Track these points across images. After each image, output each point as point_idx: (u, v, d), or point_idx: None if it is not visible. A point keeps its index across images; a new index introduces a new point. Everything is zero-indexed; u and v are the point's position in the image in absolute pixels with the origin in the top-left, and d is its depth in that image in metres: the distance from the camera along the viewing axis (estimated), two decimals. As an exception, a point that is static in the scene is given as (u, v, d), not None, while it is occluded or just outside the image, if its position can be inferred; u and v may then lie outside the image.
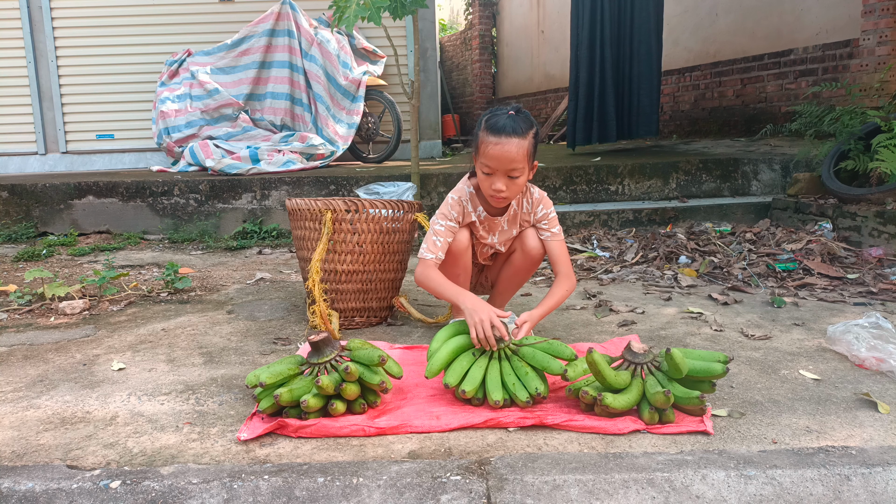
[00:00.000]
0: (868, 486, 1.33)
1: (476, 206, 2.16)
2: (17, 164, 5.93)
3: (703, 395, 1.55)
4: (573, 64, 5.26)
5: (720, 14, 6.19)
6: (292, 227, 2.46)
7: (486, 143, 1.95)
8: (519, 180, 1.99)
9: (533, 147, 1.99)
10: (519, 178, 1.98)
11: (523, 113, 2.01)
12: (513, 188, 2.00)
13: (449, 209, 2.13)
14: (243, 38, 5.48)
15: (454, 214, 2.13)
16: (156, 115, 5.39)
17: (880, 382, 1.79)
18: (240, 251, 3.96)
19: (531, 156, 1.99)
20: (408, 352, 2.10)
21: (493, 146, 1.94)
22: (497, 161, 1.95)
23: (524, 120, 1.98)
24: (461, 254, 2.17)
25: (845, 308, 2.51)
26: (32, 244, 4.13)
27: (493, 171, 1.97)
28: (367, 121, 5.56)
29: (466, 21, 11.41)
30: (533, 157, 2.01)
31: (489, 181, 1.99)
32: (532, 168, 2.04)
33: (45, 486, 1.34)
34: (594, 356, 1.57)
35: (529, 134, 1.97)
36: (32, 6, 5.78)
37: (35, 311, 2.70)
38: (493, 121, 1.96)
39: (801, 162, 4.18)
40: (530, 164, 2.01)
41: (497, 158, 1.94)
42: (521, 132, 1.95)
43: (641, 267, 3.24)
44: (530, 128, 1.98)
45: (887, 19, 4.58)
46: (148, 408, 1.72)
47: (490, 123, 1.96)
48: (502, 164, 1.95)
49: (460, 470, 1.36)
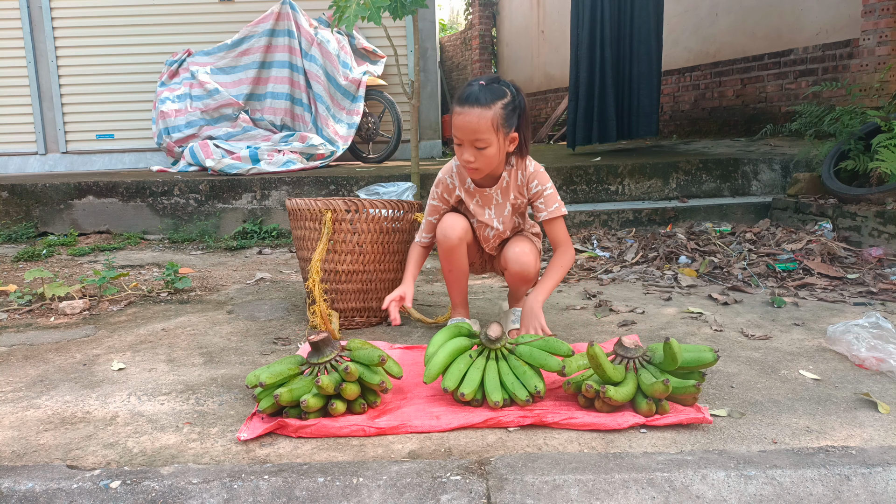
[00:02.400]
0: (868, 486, 1.33)
1: (463, 179, 2.14)
2: (17, 164, 5.93)
3: (698, 384, 1.56)
4: (573, 64, 5.26)
5: (720, 14, 6.19)
6: (292, 227, 2.46)
7: (454, 114, 1.97)
8: (487, 151, 1.96)
9: (502, 118, 1.94)
10: (487, 150, 1.96)
11: (497, 83, 1.97)
12: (482, 159, 1.98)
13: (433, 188, 2.17)
14: (243, 38, 5.48)
15: (437, 192, 2.17)
16: (156, 115, 5.39)
17: (880, 382, 1.79)
18: (240, 251, 3.96)
19: (500, 127, 1.94)
20: (407, 352, 2.10)
21: (458, 116, 1.95)
22: (461, 131, 1.95)
23: (493, 90, 1.94)
24: (452, 249, 2.13)
25: (845, 308, 2.51)
26: (32, 244, 4.13)
27: (461, 141, 1.98)
28: (367, 121, 5.56)
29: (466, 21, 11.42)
30: (506, 128, 1.96)
31: (459, 151, 2.00)
32: (509, 140, 2.00)
33: (45, 486, 1.34)
34: (595, 349, 1.58)
35: (496, 104, 1.93)
36: (32, 6, 5.78)
37: (35, 311, 2.70)
38: (463, 91, 1.98)
39: (801, 162, 4.18)
40: (501, 135, 1.96)
41: (460, 128, 1.95)
42: (485, 102, 1.92)
43: (641, 267, 3.24)
44: (499, 98, 1.94)
45: (887, 19, 4.58)
46: (148, 408, 1.72)
47: (460, 93, 1.98)
48: (466, 134, 1.95)
49: (460, 470, 1.36)
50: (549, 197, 2.10)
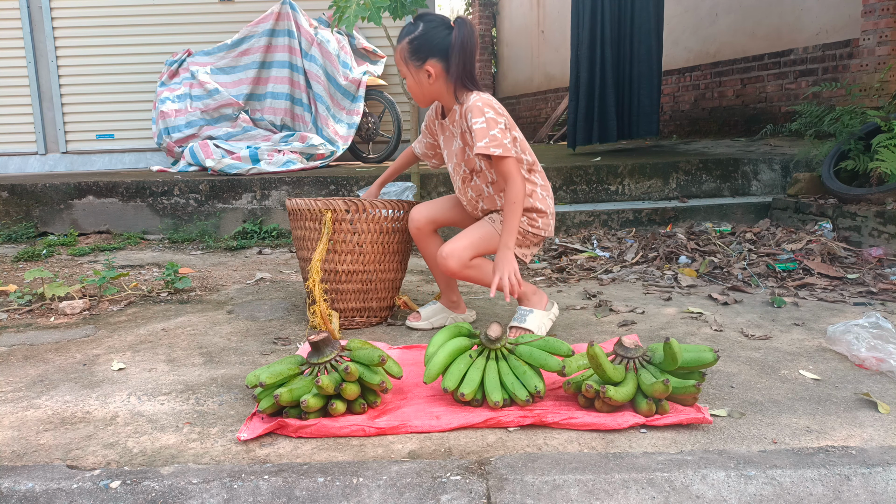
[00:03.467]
0: (868, 486, 1.33)
1: (437, 111, 2.29)
2: (17, 164, 5.93)
3: (698, 384, 1.56)
4: (573, 64, 5.26)
5: (720, 14, 6.19)
6: (292, 228, 2.46)
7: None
8: (406, 82, 2.17)
9: (407, 52, 2.12)
10: (407, 80, 2.16)
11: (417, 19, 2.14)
12: (410, 90, 2.19)
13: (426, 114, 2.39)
14: (243, 38, 5.48)
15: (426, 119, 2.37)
16: (156, 115, 5.39)
17: (880, 382, 1.79)
18: (240, 251, 3.96)
19: (406, 61, 2.13)
20: (407, 352, 2.10)
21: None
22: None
23: (406, 28, 2.14)
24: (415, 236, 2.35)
25: (845, 308, 2.51)
26: (32, 244, 4.13)
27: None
28: (367, 121, 5.56)
29: (466, 21, 11.40)
30: (414, 61, 2.12)
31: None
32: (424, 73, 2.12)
33: (45, 486, 1.34)
34: (595, 349, 1.58)
35: (403, 41, 2.12)
36: (32, 6, 5.78)
37: (35, 311, 2.70)
38: None
39: (801, 162, 4.18)
40: (411, 68, 2.13)
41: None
42: (399, 40, 2.14)
43: (641, 267, 3.24)
44: (407, 34, 2.12)
45: (887, 19, 4.58)
46: (148, 408, 1.72)
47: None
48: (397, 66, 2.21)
49: (460, 470, 1.36)
50: (479, 132, 2.03)
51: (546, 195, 2.27)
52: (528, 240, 2.27)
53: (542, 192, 2.26)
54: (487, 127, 2.03)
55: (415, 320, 2.40)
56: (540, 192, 2.25)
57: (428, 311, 2.42)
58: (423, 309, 2.43)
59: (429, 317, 2.40)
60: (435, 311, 2.42)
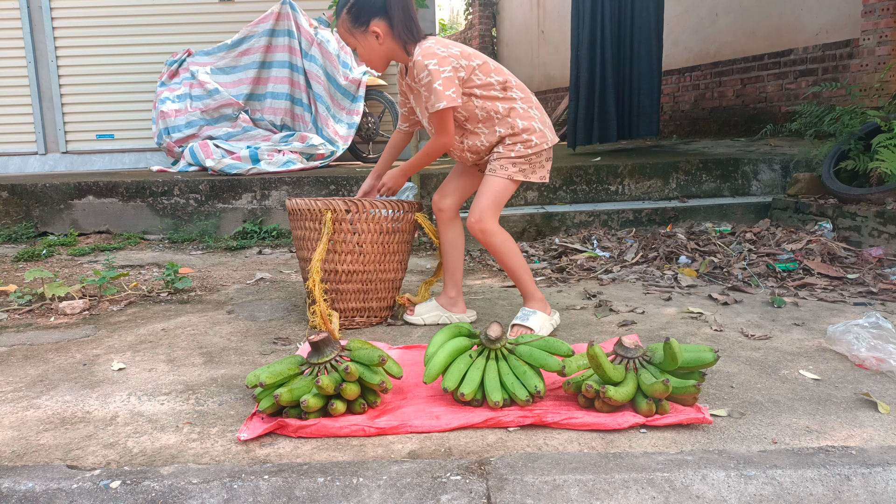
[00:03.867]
0: (868, 486, 1.33)
1: (403, 73, 2.33)
2: (17, 164, 5.93)
3: (698, 384, 1.56)
4: (573, 64, 5.26)
5: (720, 14, 6.19)
6: (292, 228, 2.46)
7: None
8: (360, 52, 2.20)
9: (349, 22, 2.16)
10: (359, 51, 2.20)
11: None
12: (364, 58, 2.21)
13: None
14: (243, 38, 5.48)
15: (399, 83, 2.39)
16: (156, 115, 5.39)
17: (880, 382, 1.79)
18: (240, 251, 3.96)
19: (353, 28, 2.16)
20: (407, 352, 2.10)
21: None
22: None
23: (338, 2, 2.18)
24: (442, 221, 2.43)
25: (845, 308, 2.51)
26: (32, 244, 4.13)
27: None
28: (367, 121, 5.56)
29: (466, 21, 11.42)
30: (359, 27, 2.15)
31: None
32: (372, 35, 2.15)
33: (45, 486, 1.34)
34: (595, 349, 1.58)
35: (342, 13, 2.16)
36: (32, 6, 5.77)
37: (35, 311, 2.70)
38: None
39: (801, 162, 4.18)
40: (358, 36, 2.17)
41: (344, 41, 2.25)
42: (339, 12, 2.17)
43: (641, 267, 3.24)
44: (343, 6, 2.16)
45: (887, 19, 4.58)
46: (148, 408, 1.72)
47: None
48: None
49: (460, 470, 1.36)
50: (425, 86, 2.12)
51: (528, 107, 2.23)
52: (534, 162, 2.24)
53: (522, 107, 2.22)
54: (431, 80, 2.09)
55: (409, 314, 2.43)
56: (520, 108, 2.21)
57: (423, 308, 2.43)
58: (420, 305, 2.44)
59: (422, 313, 2.42)
60: (430, 308, 2.43)
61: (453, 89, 2.09)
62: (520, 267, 2.28)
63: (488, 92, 2.18)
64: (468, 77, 2.15)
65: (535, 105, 2.26)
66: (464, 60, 2.15)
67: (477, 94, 2.18)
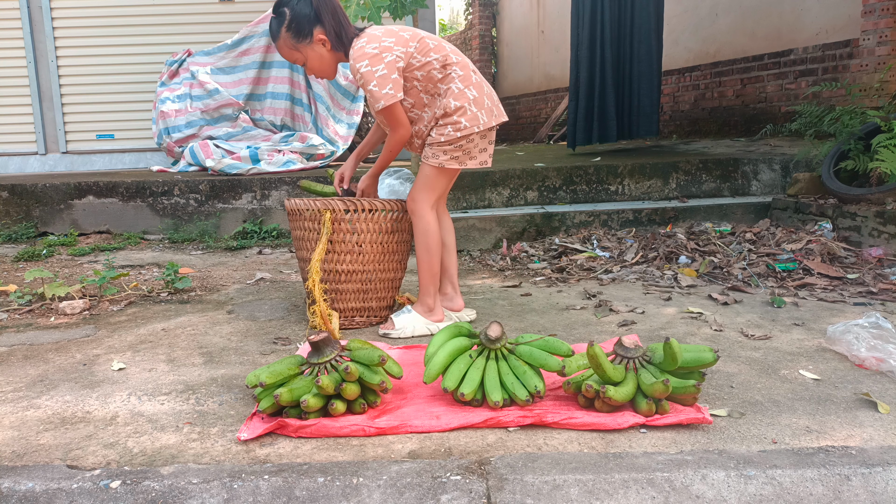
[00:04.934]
0: (868, 486, 1.33)
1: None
2: (18, 164, 5.93)
3: (698, 384, 1.56)
4: (573, 64, 5.26)
5: (720, 14, 6.19)
6: (291, 228, 2.46)
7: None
8: (309, 65, 2.19)
9: (292, 37, 2.14)
10: (308, 63, 2.19)
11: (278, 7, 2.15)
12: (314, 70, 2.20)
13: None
14: (243, 38, 5.48)
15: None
16: (156, 115, 5.39)
17: (880, 382, 1.79)
18: (240, 251, 3.96)
19: (296, 43, 2.15)
20: (407, 352, 2.10)
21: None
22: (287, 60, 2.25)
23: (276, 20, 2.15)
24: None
25: (845, 308, 2.51)
26: (32, 244, 4.13)
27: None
28: (367, 121, 5.56)
29: (466, 21, 11.42)
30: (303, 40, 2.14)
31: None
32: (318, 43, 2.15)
33: (45, 486, 1.34)
34: (595, 349, 1.58)
35: (282, 30, 2.15)
36: (32, 6, 5.77)
37: (35, 311, 2.70)
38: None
39: (801, 162, 4.18)
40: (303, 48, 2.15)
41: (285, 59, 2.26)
42: (276, 35, 2.16)
43: (641, 267, 3.24)
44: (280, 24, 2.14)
45: (887, 19, 4.58)
46: (148, 408, 1.72)
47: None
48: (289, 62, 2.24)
49: (460, 470, 1.36)
50: (362, 87, 2.13)
51: (464, 87, 2.15)
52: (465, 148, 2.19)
53: (458, 87, 2.15)
54: (365, 82, 2.09)
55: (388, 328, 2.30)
56: (455, 87, 2.15)
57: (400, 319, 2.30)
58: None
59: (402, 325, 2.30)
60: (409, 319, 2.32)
61: (390, 85, 2.08)
62: (425, 262, 2.27)
63: (428, 72, 2.15)
64: (407, 63, 2.12)
65: (473, 84, 2.17)
66: (399, 48, 2.11)
67: (418, 78, 2.16)
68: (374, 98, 2.09)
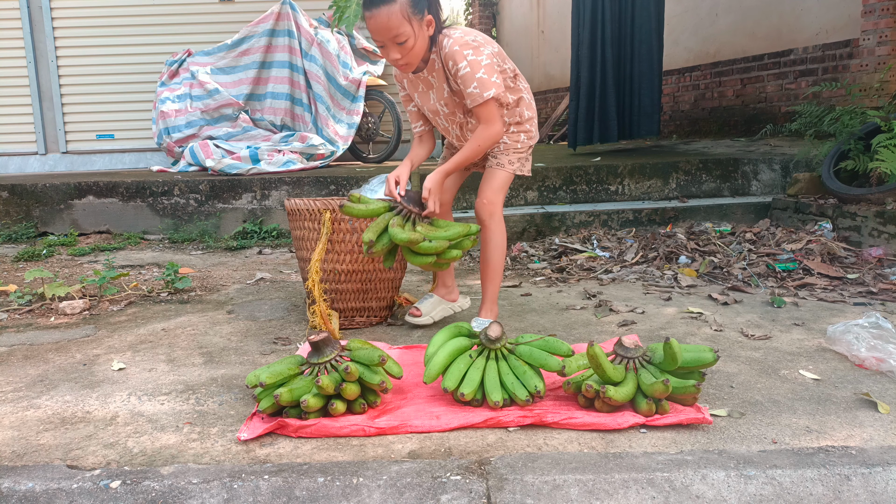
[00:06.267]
0: (868, 486, 1.33)
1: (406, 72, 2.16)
2: (18, 164, 5.93)
3: (698, 384, 1.56)
4: (574, 64, 5.26)
5: (720, 14, 6.19)
6: (291, 228, 2.46)
7: (366, 19, 1.98)
8: (409, 43, 1.96)
9: (409, 6, 1.93)
10: (408, 42, 1.96)
11: None
12: (409, 55, 2.00)
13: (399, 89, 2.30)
14: (243, 39, 5.48)
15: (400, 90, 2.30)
16: (156, 115, 5.39)
17: (880, 382, 1.79)
18: (240, 251, 3.96)
19: (411, 16, 1.94)
20: (407, 352, 2.10)
21: (369, 21, 1.96)
22: (378, 34, 1.97)
23: None
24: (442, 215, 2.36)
25: (845, 308, 2.51)
26: (32, 244, 4.13)
27: (382, 43, 1.98)
28: (367, 121, 5.56)
29: (466, 21, 11.42)
30: (418, 14, 1.95)
31: (385, 53, 2.01)
32: (425, 25, 1.99)
33: (45, 486, 1.34)
34: (595, 349, 1.58)
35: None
36: (32, 6, 5.77)
37: (35, 311, 2.70)
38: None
39: (801, 162, 4.18)
40: (415, 23, 1.95)
41: (376, 31, 1.96)
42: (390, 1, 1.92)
43: (641, 267, 3.24)
44: None
45: (887, 19, 4.58)
46: (148, 408, 1.72)
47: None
48: (383, 34, 1.96)
49: (460, 470, 1.36)
50: (465, 77, 2.00)
51: (531, 99, 2.27)
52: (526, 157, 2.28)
53: (528, 97, 2.26)
54: (472, 71, 2.00)
55: (415, 316, 2.38)
56: (527, 98, 2.25)
57: (427, 306, 2.40)
58: (422, 304, 2.40)
59: (429, 311, 2.40)
60: (433, 304, 2.42)
61: (496, 76, 2.03)
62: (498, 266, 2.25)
63: (504, 80, 2.15)
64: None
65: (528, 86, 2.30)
66: (490, 47, 2.10)
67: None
68: (483, 86, 1.99)
